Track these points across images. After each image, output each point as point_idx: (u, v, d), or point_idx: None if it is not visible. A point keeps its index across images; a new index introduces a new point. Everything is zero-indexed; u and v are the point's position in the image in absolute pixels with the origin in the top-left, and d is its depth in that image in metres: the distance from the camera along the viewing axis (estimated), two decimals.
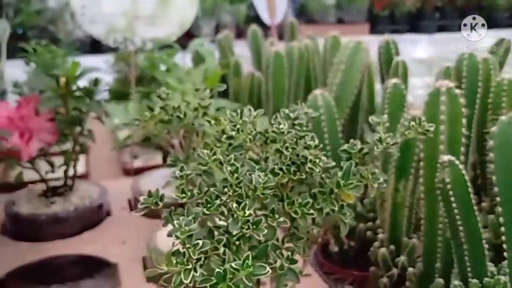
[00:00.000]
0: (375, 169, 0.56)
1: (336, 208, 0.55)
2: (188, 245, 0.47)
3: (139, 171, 1.35)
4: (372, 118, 0.57)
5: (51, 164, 1.09)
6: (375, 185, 0.57)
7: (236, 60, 1.36)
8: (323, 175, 0.57)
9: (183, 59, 1.47)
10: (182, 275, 0.45)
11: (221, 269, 0.44)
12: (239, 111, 0.54)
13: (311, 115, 0.60)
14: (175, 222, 0.48)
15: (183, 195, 0.51)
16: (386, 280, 0.82)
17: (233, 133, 0.52)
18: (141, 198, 0.52)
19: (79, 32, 3.01)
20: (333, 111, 0.90)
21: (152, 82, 1.37)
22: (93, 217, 1.11)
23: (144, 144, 1.28)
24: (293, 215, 0.54)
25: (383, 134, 0.55)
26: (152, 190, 0.53)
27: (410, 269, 0.79)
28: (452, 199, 0.68)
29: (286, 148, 0.54)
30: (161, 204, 0.52)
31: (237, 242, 0.50)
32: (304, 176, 0.54)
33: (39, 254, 1.00)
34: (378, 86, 1.10)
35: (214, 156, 0.50)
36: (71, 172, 1.12)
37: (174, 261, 0.45)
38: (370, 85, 1.08)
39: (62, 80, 0.97)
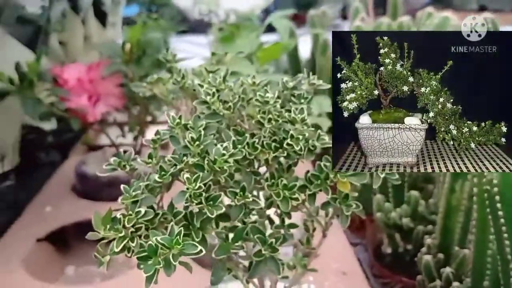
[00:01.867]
0: None
1: (329, 197, 0.48)
2: (130, 212, 0.43)
3: None
4: None
5: (121, 129, 1.11)
6: (381, 175, 0.49)
7: (325, 39, 1.28)
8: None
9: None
10: (114, 243, 0.42)
11: (153, 242, 0.40)
12: (222, 74, 0.49)
13: (320, 86, 0.53)
14: (122, 186, 0.45)
15: (149, 160, 0.48)
16: None
17: (208, 98, 0.47)
18: (111, 159, 0.50)
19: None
20: None
21: None
22: None
23: None
24: (274, 197, 0.48)
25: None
26: None
27: (455, 284, 0.68)
28: (499, 205, 0.56)
29: (269, 120, 0.47)
30: (128, 167, 0.49)
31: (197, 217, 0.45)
32: (285, 154, 0.47)
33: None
34: None
35: (178, 120, 0.46)
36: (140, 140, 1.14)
37: (108, 227, 0.42)
38: None
39: (127, 46, 0.97)
